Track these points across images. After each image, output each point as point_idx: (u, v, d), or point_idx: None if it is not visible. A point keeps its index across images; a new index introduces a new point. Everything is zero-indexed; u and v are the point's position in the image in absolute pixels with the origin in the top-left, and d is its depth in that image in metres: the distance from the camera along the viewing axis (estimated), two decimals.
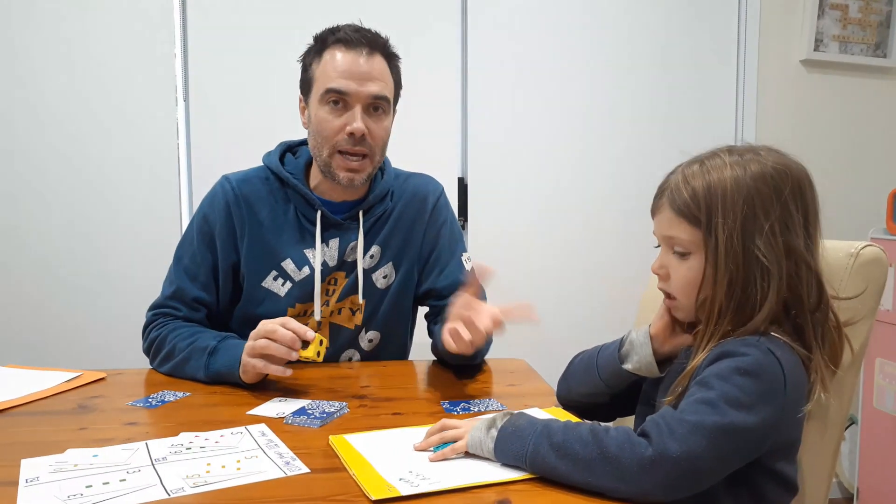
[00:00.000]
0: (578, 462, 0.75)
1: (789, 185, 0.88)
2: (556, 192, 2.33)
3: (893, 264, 2.18)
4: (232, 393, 1.13)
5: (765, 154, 0.91)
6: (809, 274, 0.88)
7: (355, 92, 1.24)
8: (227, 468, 0.81)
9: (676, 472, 0.73)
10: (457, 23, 2.23)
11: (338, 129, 1.25)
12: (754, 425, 0.78)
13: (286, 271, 1.32)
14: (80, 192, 2.03)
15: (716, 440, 0.75)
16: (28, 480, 0.78)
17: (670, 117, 2.37)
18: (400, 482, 0.76)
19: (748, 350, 0.83)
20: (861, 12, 2.46)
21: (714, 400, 0.78)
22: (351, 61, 1.24)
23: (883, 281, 1.01)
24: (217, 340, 1.21)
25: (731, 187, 0.87)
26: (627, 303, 2.26)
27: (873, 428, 2.28)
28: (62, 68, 2.00)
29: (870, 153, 2.53)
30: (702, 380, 0.82)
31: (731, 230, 0.86)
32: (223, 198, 1.33)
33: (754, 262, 0.86)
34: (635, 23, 2.34)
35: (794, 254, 0.87)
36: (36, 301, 2.02)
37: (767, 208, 0.86)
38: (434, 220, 1.41)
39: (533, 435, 0.79)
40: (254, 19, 2.10)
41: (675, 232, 0.92)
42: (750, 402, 0.78)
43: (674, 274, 0.93)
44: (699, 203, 0.88)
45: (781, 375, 0.82)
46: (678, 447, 0.73)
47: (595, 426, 0.79)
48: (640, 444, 0.74)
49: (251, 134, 2.02)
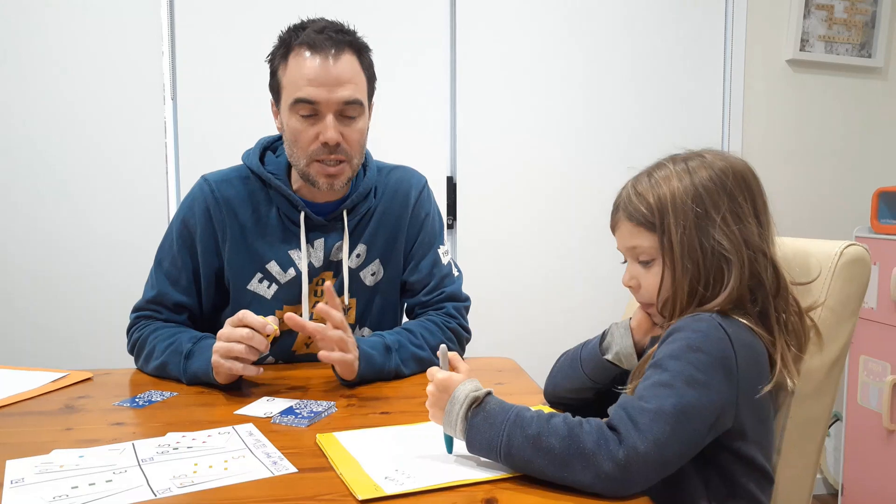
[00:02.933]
0: (555, 456, 0.75)
1: (732, 179, 0.92)
2: (544, 190, 2.33)
3: (877, 263, 2.20)
4: (219, 393, 1.13)
5: (709, 157, 0.95)
6: (765, 260, 0.91)
7: (325, 100, 1.19)
8: (215, 468, 0.81)
9: (647, 467, 0.74)
10: (445, 20, 2.24)
11: (311, 138, 1.21)
12: (710, 402, 0.80)
13: (271, 274, 1.30)
14: (66, 191, 2.02)
15: (678, 423, 0.76)
16: (13, 482, 0.77)
17: (657, 116, 2.39)
18: (385, 481, 0.77)
19: (698, 325, 0.85)
20: (847, 12, 2.48)
21: (669, 381, 0.79)
22: (318, 67, 1.18)
23: (866, 280, 1.01)
24: (192, 343, 1.19)
25: (680, 190, 0.91)
26: (615, 302, 2.28)
27: (858, 424, 2.31)
28: (49, 66, 1.98)
29: (855, 152, 2.55)
30: (656, 361, 0.83)
31: (684, 229, 0.90)
32: (203, 202, 1.29)
33: (714, 255, 0.89)
34: (623, 23, 2.35)
35: (749, 242, 0.90)
36: (22, 301, 2.00)
37: (717, 202, 0.90)
38: (417, 214, 1.39)
39: (505, 424, 0.78)
40: (241, 18, 2.09)
41: (636, 241, 0.95)
42: (704, 378, 0.80)
43: (643, 283, 0.96)
44: (652, 210, 0.92)
45: (731, 350, 0.84)
46: (644, 441, 0.74)
47: (568, 417, 0.78)
48: (611, 439, 0.75)
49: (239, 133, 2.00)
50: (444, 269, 1.39)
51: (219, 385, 1.14)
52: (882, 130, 2.57)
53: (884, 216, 2.32)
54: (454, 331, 1.35)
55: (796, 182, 2.48)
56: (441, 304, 1.37)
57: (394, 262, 1.38)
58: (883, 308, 2.20)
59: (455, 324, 1.35)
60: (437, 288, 1.37)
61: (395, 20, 2.17)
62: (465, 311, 1.40)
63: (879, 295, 2.21)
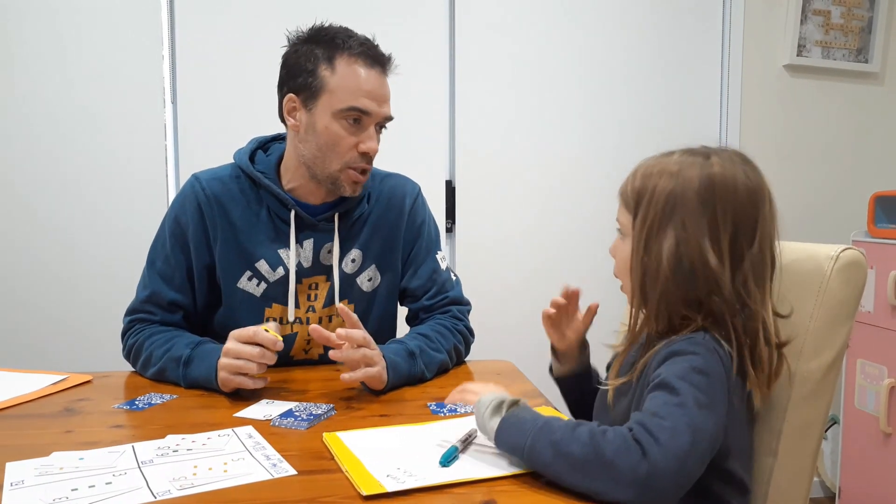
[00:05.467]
0: (576, 462, 0.76)
1: (718, 193, 0.90)
2: (542, 194, 2.34)
3: (874, 267, 2.21)
4: (219, 396, 1.13)
5: (716, 160, 0.93)
6: (714, 279, 0.89)
7: (376, 113, 1.23)
8: (214, 470, 0.81)
9: (668, 481, 0.74)
10: (444, 23, 2.24)
11: (351, 145, 1.24)
12: (714, 424, 0.81)
13: (260, 272, 1.30)
14: (67, 194, 2.02)
15: (694, 441, 0.77)
16: (13, 484, 0.77)
17: (655, 122, 2.40)
18: (387, 479, 0.77)
19: (697, 349, 0.87)
20: (843, 18, 2.49)
21: (682, 401, 0.80)
22: (375, 81, 1.23)
23: (863, 283, 1.02)
24: (190, 349, 1.19)
25: (661, 184, 0.93)
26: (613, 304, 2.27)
27: (855, 428, 2.31)
28: (49, 69, 1.98)
29: (851, 157, 2.56)
30: (663, 381, 0.84)
31: (647, 222, 0.93)
32: (194, 199, 1.30)
33: (654, 256, 0.91)
34: (621, 28, 2.36)
35: (696, 258, 0.89)
36: (22, 303, 2.00)
37: (686, 209, 0.90)
38: (412, 221, 1.40)
39: (533, 430, 0.80)
40: (242, 21, 2.09)
41: (620, 216, 1.00)
42: (708, 401, 0.81)
43: (617, 255, 1.02)
44: (634, 192, 0.96)
45: (724, 374, 0.86)
46: (665, 456, 0.74)
47: (594, 427, 0.79)
48: (634, 451, 0.75)
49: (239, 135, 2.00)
50: (444, 275, 1.41)
51: (219, 390, 1.14)
52: (879, 135, 2.58)
53: (880, 220, 2.33)
54: (462, 333, 1.37)
55: (793, 186, 2.49)
56: (446, 307, 1.39)
57: (391, 269, 1.39)
58: (880, 312, 2.20)
59: (462, 326, 1.38)
60: (440, 292, 1.39)
61: (394, 22, 2.18)
62: (467, 314, 1.42)
63: (876, 299, 2.21)
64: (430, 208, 1.47)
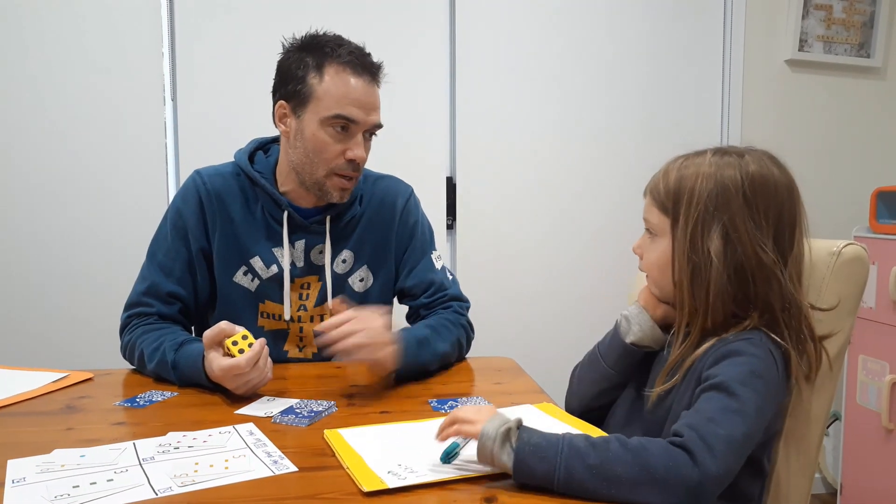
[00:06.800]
0: (623, 484, 0.73)
1: (759, 192, 0.92)
2: (544, 190, 2.34)
3: (876, 263, 2.21)
4: (220, 393, 1.13)
5: (750, 159, 0.95)
6: (768, 276, 0.91)
7: (363, 121, 1.24)
8: (215, 467, 0.81)
9: (717, 489, 0.75)
10: (445, 21, 2.24)
11: (338, 153, 1.25)
12: (761, 427, 0.83)
13: (254, 268, 1.32)
14: (67, 192, 2.02)
15: (744, 449, 0.79)
16: (14, 481, 0.78)
17: (657, 117, 2.39)
18: (388, 475, 0.78)
19: (756, 351, 0.87)
20: (845, 13, 2.48)
21: (741, 408, 0.81)
22: (362, 89, 1.24)
23: (864, 279, 1.02)
24: (174, 352, 1.18)
25: (700, 185, 0.93)
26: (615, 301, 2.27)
27: (856, 424, 2.31)
28: (49, 67, 1.98)
29: (853, 152, 2.55)
30: (721, 384, 0.83)
31: (691, 223, 0.93)
32: (195, 192, 1.32)
33: (703, 256, 0.92)
34: (622, 23, 2.36)
35: (748, 253, 0.91)
36: (23, 301, 2.01)
37: (731, 209, 0.91)
38: (405, 222, 1.41)
39: (559, 456, 0.75)
40: (241, 19, 2.09)
41: (649, 216, 1.00)
42: (766, 406, 0.84)
43: (646, 254, 1.02)
44: (669, 193, 0.96)
45: (777, 376, 0.88)
46: (718, 467, 0.74)
47: (626, 442, 0.76)
48: (684, 463, 0.74)
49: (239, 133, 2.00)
50: (440, 273, 1.42)
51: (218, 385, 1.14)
52: (881, 130, 2.57)
53: (882, 216, 2.32)
54: (465, 327, 1.38)
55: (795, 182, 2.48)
56: (447, 303, 1.39)
57: (385, 270, 1.40)
58: (882, 308, 2.20)
59: (464, 321, 1.38)
60: (439, 290, 1.40)
61: (394, 20, 2.17)
62: (467, 310, 1.42)
63: (878, 294, 2.21)
64: (423, 209, 1.48)
